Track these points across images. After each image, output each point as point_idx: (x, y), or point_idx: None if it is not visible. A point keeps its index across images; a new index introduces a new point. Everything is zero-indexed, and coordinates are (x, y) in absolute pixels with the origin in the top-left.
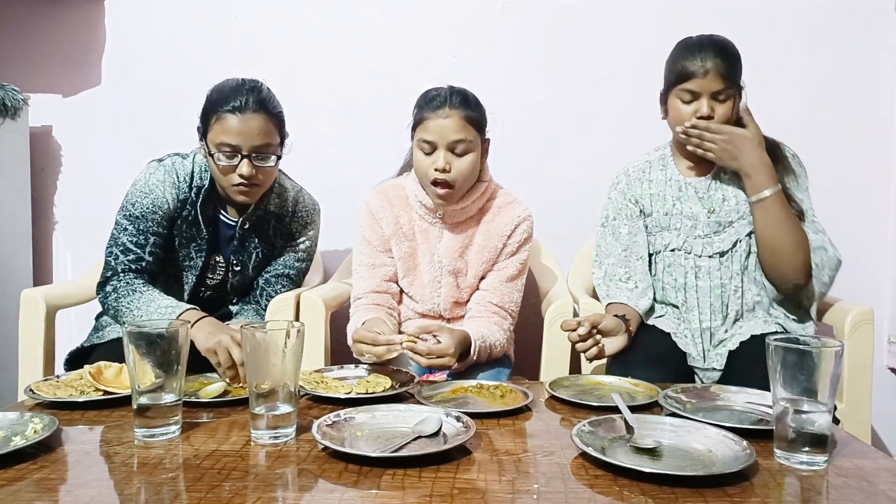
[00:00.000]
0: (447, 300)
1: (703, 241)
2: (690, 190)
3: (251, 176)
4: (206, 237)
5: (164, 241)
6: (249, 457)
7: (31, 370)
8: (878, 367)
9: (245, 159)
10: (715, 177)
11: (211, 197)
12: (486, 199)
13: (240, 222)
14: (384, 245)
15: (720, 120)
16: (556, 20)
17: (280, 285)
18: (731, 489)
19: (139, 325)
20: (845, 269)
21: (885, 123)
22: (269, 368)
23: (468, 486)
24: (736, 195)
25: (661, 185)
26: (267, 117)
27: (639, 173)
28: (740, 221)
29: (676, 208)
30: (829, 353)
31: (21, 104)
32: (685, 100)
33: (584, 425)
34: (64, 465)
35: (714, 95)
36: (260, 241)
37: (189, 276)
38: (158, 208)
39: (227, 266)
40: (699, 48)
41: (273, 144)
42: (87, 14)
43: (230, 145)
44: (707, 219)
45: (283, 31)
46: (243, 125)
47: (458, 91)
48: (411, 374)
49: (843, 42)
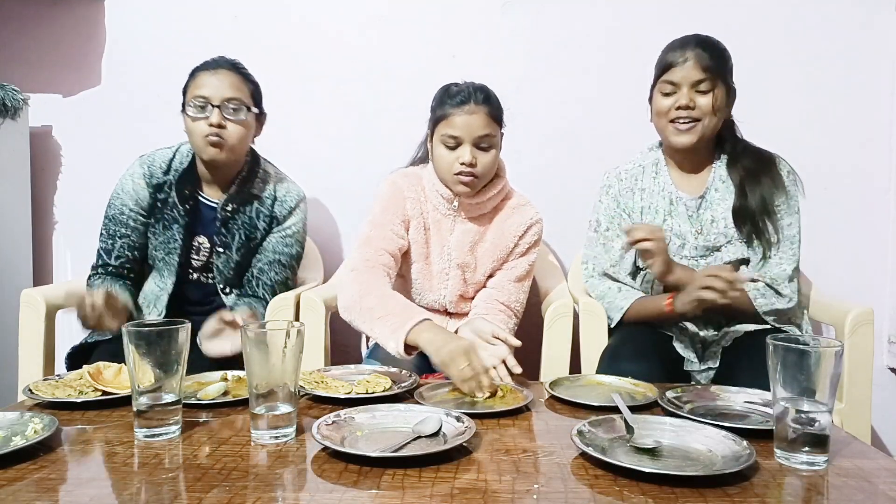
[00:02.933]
0: (453, 293)
1: (689, 262)
2: (681, 206)
3: (220, 126)
4: (185, 216)
5: (136, 239)
6: (249, 457)
7: (31, 370)
8: (878, 367)
9: (216, 109)
10: (704, 196)
11: (189, 176)
12: (502, 199)
13: (222, 203)
14: (405, 221)
15: (701, 111)
16: (556, 20)
17: (273, 272)
18: (731, 489)
19: (139, 324)
20: (845, 270)
21: (885, 124)
22: (269, 368)
23: (468, 486)
24: (725, 217)
25: (652, 196)
26: (239, 77)
27: (631, 181)
28: (727, 246)
29: (667, 224)
30: (829, 353)
31: (21, 104)
32: (665, 91)
33: (584, 425)
34: (64, 465)
35: (694, 85)
36: (243, 222)
37: (172, 258)
38: (125, 205)
39: (211, 246)
40: (682, 42)
41: (243, 100)
42: (87, 14)
43: (202, 97)
44: (695, 240)
45: (283, 32)
46: (215, 79)
47: (479, 87)
48: (411, 374)
49: (843, 42)
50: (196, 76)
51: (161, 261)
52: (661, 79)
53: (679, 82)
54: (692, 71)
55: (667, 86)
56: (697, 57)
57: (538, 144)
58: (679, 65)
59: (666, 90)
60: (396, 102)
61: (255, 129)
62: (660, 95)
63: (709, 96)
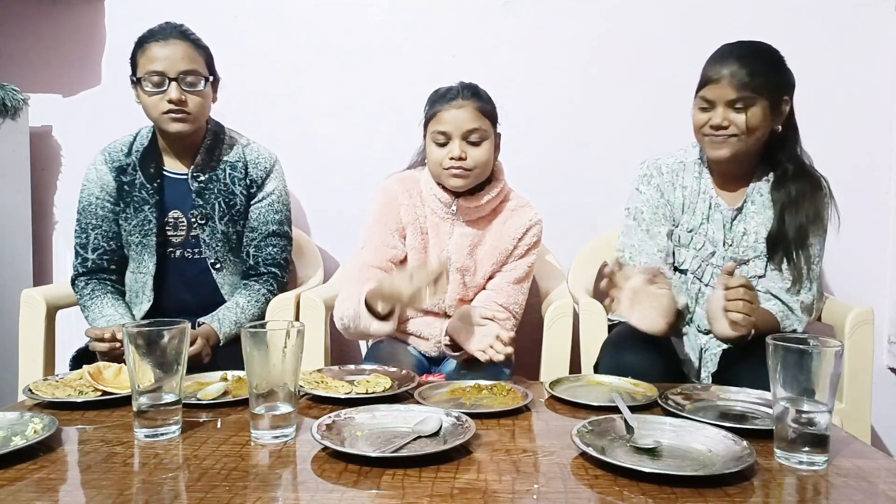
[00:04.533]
0: (452, 297)
1: (713, 270)
2: (717, 214)
3: (180, 101)
4: (154, 194)
5: (109, 228)
6: (249, 457)
7: (31, 370)
8: (878, 367)
9: (173, 82)
10: (741, 209)
11: (151, 153)
12: (500, 201)
13: (190, 173)
14: (399, 230)
15: (737, 129)
16: (556, 20)
17: (271, 246)
18: (731, 489)
19: (139, 324)
20: (845, 269)
21: (885, 124)
22: (269, 368)
23: (468, 486)
24: (757, 232)
25: (693, 196)
26: (190, 45)
27: (672, 175)
28: (755, 260)
29: (703, 228)
30: (829, 353)
31: (21, 104)
32: (701, 107)
33: (584, 425)
34: (64, 465)
35: (730, 104)
36: (219, 190)
37: (150, 240)
38: (91, 194)
39: (188, 220)
40: (722, 53)
41: (199, 72)
42: (87, 14)
43: (156, 72)
44: (725, 250)
45: (283, 32)
46: (167, 50)
47: (468, 85)
48: (411, 374)
49: (843, 42)
50: (146, 48)
51: (138, 244)
52: (699, 93)
53: (713, 100)
54: (726, 90)
55: (703, 101)
56: (733, 75)
57: (538, 144)
58: (714, 82)
59: (702, 105)
60: (397, 103)
61: (212, 96)
62: (697, 109)
63: (743, 114)
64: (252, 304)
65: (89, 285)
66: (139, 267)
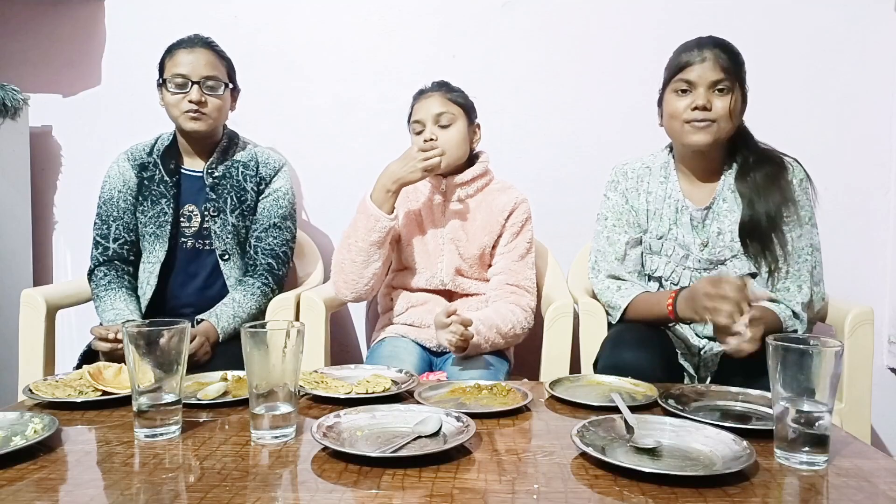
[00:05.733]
0: (449, 267)
1: (691, 273)
2: (686, 216)
3: (200, 102)
4: (173, 187)
5: (129, 221)
6: (249, 457)
7: (31, 370)
8: (878, 367)
9: (195, 85)
10: (710, 207)
11: (171, 152)
12: (486, 183)
13: (205, 169)
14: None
15: (717, 114)
16: (557, 20)
17: (271, 237)
18: (731, 489)
19: (139, 324)
20: (845, 270)
21: (885, 124)
22: (269, 368)
23: (468, 486)
24: (732, 230)
25: (658, 202)
26: (214, 54)
27: (636, 181)
28: (733, 260)
29: (672, 233)
30: (829, 353)
31: (21, 104)
32: (681, 88)
33: (585, 425)
34: (64, 465)
35: (712, 86)
36: (231, 185)
37: (164, 230)
38: (114, 188)
39: (201, 213)
40: (698, 42)
41: (219, 78)
42: (87, 14)
43: (181, 75)
44: (700, 252)
45: (283, 32)
46: (192, 57)
47: (439, 81)
48: (411, 374)
49: (843, 43)
50: (174, 54)
51: (152, 234)
52: (675, 78)
53: (696, 81)
54: (711, 70)
55: (682, 84)
56: (716, 57)
57: (538, 144)
58: (696, 63)
59: (681, 88)
60: (397, 103)
61: (231, 104)
62: (673, 96)
63: (726, 99)
64: (248, 298)
65: (107, 276)
66: (149, 256)
